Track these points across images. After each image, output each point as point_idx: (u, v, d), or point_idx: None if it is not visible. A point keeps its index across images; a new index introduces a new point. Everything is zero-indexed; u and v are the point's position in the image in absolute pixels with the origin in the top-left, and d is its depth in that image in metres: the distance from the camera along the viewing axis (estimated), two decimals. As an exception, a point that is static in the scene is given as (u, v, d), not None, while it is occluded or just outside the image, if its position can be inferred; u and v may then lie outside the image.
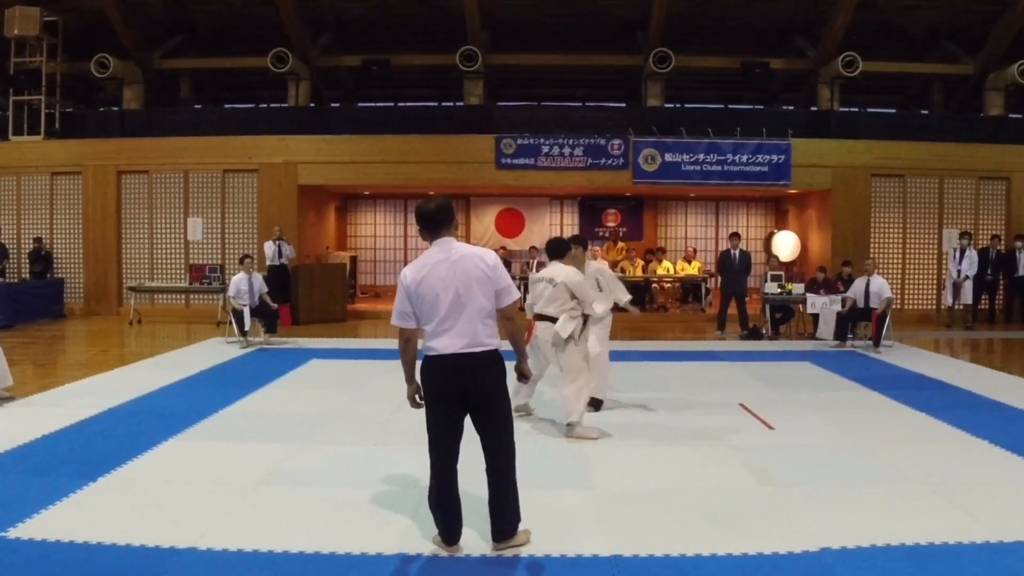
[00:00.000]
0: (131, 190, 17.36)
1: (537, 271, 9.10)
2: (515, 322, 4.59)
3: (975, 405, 8.59)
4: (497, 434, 4.50)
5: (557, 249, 7.38)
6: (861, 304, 12.90)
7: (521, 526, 4.62)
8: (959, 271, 15.91)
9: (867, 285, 12.88)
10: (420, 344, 4.62)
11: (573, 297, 7.03)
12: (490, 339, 4.45)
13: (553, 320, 7.07)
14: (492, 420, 4.49)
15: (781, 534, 4.80)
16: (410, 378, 4.62)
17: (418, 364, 4.61)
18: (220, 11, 19.47)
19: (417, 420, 5.76)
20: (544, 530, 4.76)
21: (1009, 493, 5.57)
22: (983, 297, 16.55)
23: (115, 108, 18.67)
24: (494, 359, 4.46)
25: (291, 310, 15.49)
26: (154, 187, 17.29)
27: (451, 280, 4.38)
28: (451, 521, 4.54)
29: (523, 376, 4.79)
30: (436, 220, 4.53)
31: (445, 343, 4.38)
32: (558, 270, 7.16)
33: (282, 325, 13.43)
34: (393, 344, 4.92)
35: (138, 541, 4.60)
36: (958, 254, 15.98)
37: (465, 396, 4.43)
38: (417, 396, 4.60)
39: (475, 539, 4.64)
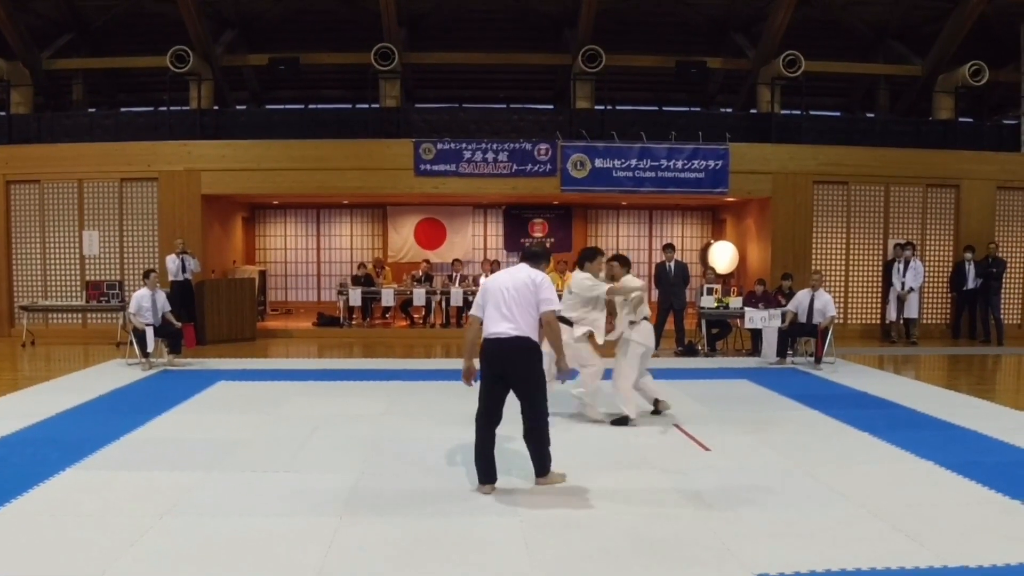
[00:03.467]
0: (20, 201, 17.43)
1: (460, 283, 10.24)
2: (551, 326, 6.32)
3: (919, 424, 8.94)
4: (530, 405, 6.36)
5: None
6: (803, 319, 13.23)
7: (534, 484, 6.50)
8: (903, 283, 16.67)
9: (811, 300, 13.17)
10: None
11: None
12: (529, 330, 6.27)
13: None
14: (525, 393, 6.36)
15: (715, 560, 5.01)
16: (467, 357, 6.63)
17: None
18: (113, 6, 19.63)
19: (333, 444, 6.47)
20: (467, 559, 5.02)
21: (954, 516, 5.81)
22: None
23: (2, 113, 18.63)
24: (529, 346, 6.27)
25: (196, 329, 15.44)
26: (46, 198, 17.36)
27: (507, 284, 6.32)
28: (484, 464, 6.37)
29: (561, 372, 6.59)
30: (528, 255, 6.70)
31: (492, 329, 6.27)
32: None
33: (187, 345, 13.57)
34: (305, 364, 5.60)
35: (35, 579, 4.77)
36: (902, 266, 16.71)
37: (501, 373, 6.30)
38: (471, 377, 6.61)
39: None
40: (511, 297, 6.27)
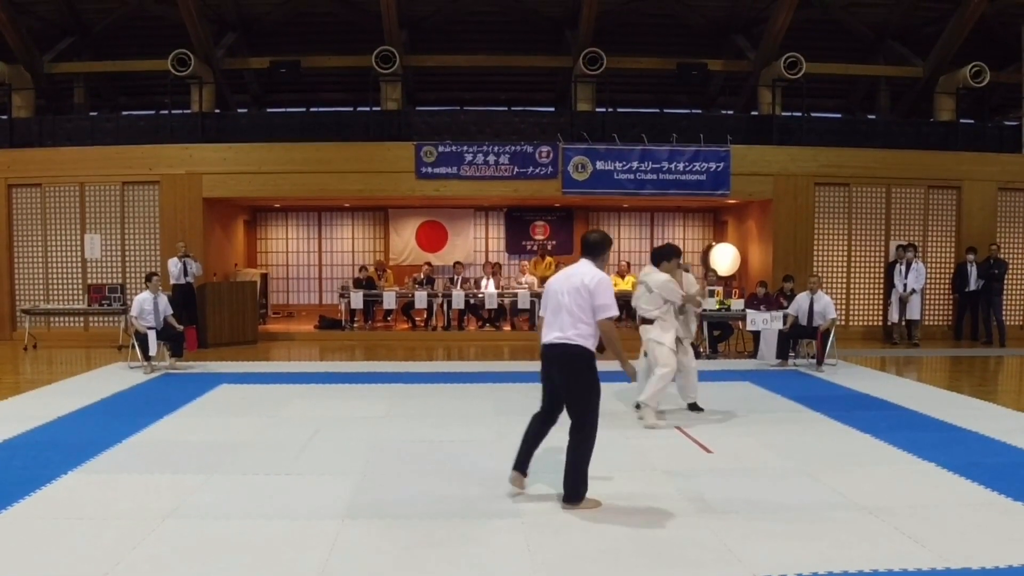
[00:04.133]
0: (22, 205, 17.49)
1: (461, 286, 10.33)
2: (607, 332, 6.01)
3: (921, 426, 8.92)
4: (570, 414, 6.06)
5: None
6: (804, 322, 13.26)
7: (583, 500, 6.05)
8: (905, 285, 16.68)
9: (811, 303, 13.21)
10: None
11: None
12: (578, 338, 5.94)
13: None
14: (566, 400, 6.06)
15: (718, 562, 5.00)
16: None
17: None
18: (114, 9, 19.71)
19: (334, 447, 6.50)
20: (468, 561, 5.03)
21: (956, 517, 5.81)
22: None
23: (3, 116, 18.65)
24: (575, 353, 5.95)
25: (197, 332, 15.59)
26: (47, 201, 17.42)
27: (558, 289, 6.12)
28: (522, 451, 6.32)
29: (630, 376, 6.50)
30: (586, 246, 6.31)
31: (544, 335, 6.15)
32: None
33: (188, 348, 13.60)
34: (307, 367, 5.63)
35: (38, 582, 4.78)
36: (903, 267, 16.73)
37: (550, 377, 6.15)
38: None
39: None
40: (563, 303, 6.02)
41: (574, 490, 6.03)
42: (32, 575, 4.84)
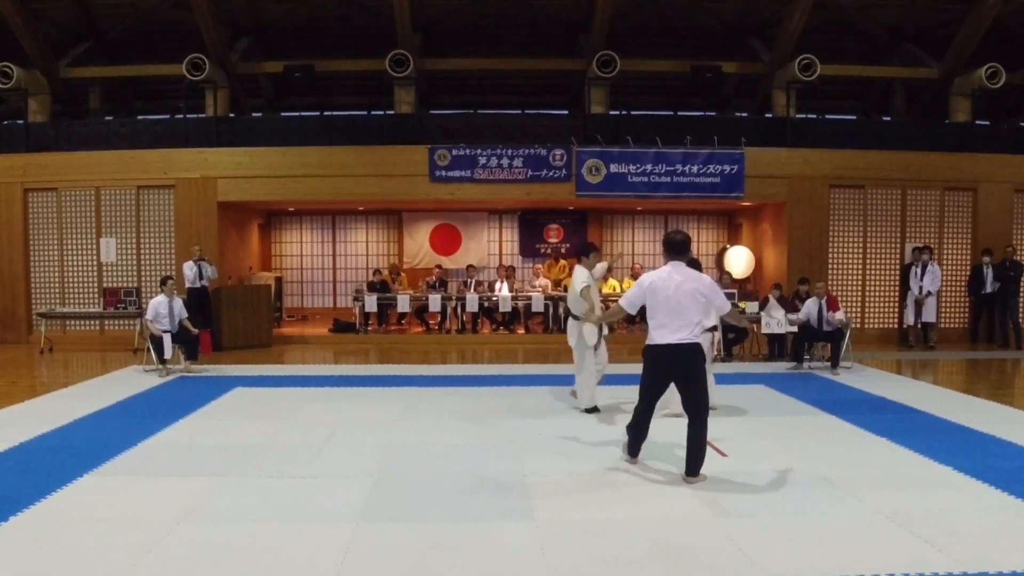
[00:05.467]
0: (39, 209, 17.57)
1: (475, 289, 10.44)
2: (731, 315, 7.35)
3: (937, 429, 8.88)
4: (694, 401, 6.79)
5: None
6: (815, 326, 13.25)
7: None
8: (921, 287, 16.61)
9: (820, 308, 13.21)
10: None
11: None
12: (696, 338, 6.75)
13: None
14: (692, 391, 6.78)
15: (733, 567, 4.99)
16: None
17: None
18: (129, 15, 19.77)
19: (349, 450, 6.47)
20: (482, 565, 5.02)
21: (974, 522, 5.77)
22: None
23: (19, 121, 18.79)
24: (696, 350, 6.74)
25: (212, 335, 15.73)
26: (63, 205, 17.52)
27: (673, 294, 6.71)
28: (636, 445, 7.28)
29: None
30: (674, 247, 6.95)
31: (664, 336, 6.74)
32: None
33: (203, 351, 13.65)
34: (321, 370, 5.65)
35: (54, 585, 4.82)
36: (919, 269, 16.66)
37: (674, 371, 6.86)
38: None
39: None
40: (683, 305, 6.72)
41: (700, 464, 6.81)
42: (47, 578, 4.84)
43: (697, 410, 6.73)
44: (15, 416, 9.59)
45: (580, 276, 9.48)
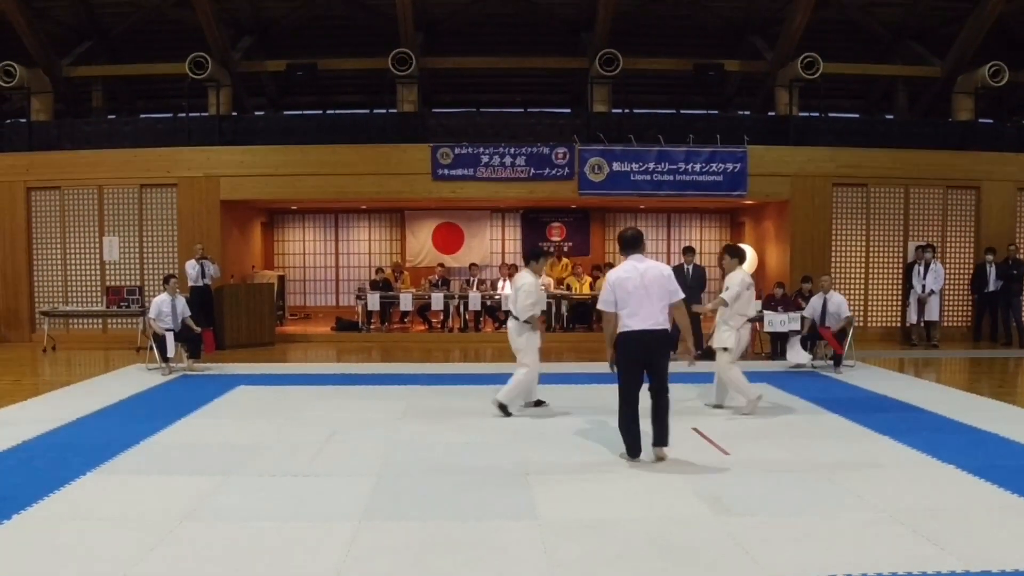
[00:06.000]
0: (42, 207, 17.58)
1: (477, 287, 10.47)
2: (680, 312, 7.45)
3: (940, 428, 8.87)
4: (660, 381, 7.34)
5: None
6: (819, 323, 13.16)
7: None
8: (924, 286, 16.59)
9: (824, 303, 13.17)
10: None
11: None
12: (664, 324, 7.28)
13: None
14: (659, 372, 7.31)
15: (735, 566, 4.98)
16: (610, 345, 7.44)
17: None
18: (131, 13, 19.79)
19: (351, 448, 6.47)
20: (485, 564, 5.02)
21: (977, 520, 5.77)
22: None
23: (22, 120, 18.81)
24: (666, 335, 7.31)
25: (215, 334, 15.55)
26: (66, 204, 17.51)
27: (641, 282, 7.23)
28: (632, 440, 7.40)
29: (686, 353, 7.87)
30: (630, 242, 7.53)
31: (637, 323, 7.20)
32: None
33: (206, 350, 13.60)
34: (324, 369, 5.67)
35: (57, 582, 4.83)
36: (922, 268, 16.63)
37: (648, 355, 7.28)
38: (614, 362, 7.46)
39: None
40: (651, 292, 7.26)
41: (667, 434, 7.39)
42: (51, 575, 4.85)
43: (662, 388, 7.33)
44: (18, 414, 9.59)
45: (527, 280, 9.60)
